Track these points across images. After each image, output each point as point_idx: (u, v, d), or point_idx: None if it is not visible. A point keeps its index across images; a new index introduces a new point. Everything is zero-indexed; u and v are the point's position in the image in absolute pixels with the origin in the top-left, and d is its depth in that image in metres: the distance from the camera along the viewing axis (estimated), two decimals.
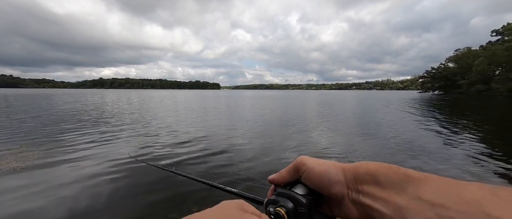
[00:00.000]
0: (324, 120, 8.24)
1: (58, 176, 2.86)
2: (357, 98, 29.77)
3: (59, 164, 3.27)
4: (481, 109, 13.13)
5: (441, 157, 3.73)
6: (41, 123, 6.94)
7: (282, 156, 3.75)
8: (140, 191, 2.48)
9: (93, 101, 18.36)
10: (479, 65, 41.42)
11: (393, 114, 10.10)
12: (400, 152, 4.06)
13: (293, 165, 0.32)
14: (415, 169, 0.22)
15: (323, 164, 0.30)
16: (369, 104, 17.46)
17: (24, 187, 2.53)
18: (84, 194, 2.40)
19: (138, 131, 5.85)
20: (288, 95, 41.30)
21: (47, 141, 4.61)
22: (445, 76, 54.12)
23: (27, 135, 5.20)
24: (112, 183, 2.67)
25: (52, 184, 2.62)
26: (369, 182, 0.26)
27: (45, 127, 6.22)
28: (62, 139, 4.85)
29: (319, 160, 0.31)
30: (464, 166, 3.31)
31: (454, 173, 3.08)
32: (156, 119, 8.23)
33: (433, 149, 4.25)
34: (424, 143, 4.73)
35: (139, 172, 2.98)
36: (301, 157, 0.32)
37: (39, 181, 2.70)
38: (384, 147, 4.43)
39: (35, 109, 11.31)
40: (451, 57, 54.30)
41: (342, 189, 0.28)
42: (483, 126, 6.80)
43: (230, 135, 5.34)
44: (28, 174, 2.93)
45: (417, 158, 3.71)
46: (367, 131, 6.08)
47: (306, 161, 0.31)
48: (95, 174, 2.92)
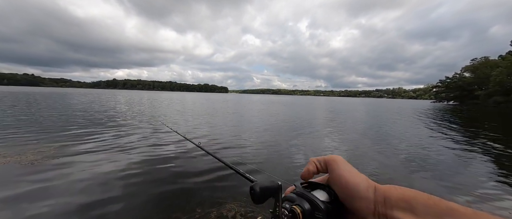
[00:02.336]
0: (333, 127, 8.12)
1: (77, 171, 2.99)
2: (366, 106, 29.06)
3: (79, 160, 3.44)
4: (501, 122, 12.46)
5: (455, 172, 3.51)
6: (60, 120, 7.30)
7: (289, 155, 3.74)
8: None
9: (107, 101, 19.05)
10: (498, 76, 39.53)
11: (405, 125, 9.80)
12: (412, 165, 3.92)
13: (324, 159, 0.31)
14: (431, 190, 0.19)
15: (355, 175, 0.28)
16: (380, 114, 17.01)
17: (46, 180, 2.67)
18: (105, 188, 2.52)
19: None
20: (294, 101, 41.02)
21: (67, 137, 4.86)
22: (461, 86, 51.93)
23: (49, 131, 5.50)
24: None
25: (74, 178, 2.75)
26: (403, 209, 0.24)
27: (64, 124, 6.55)
28: (81, 135, 5.09)
29: (352, 168, 0.29)
30: (480, 185, 3.05)
31: (469, 193, 2.78)
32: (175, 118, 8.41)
33: (446, 164, 4.01)
34: (437, 156, 4.49)
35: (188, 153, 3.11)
36: (334, 156, 0.31)
37: (58, 175, 2.85)
38: (395, 158, 4.30)
39: (57, 108, 11.88)
40: (468, 66, 52.21)
41: (368, 207, 0.26)
42: (503, 140, 6.44)
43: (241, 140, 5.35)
44: (50, 167, 3.09)
45: (428, 172, 3.56)
46: (377, 140, 5.94)
47: (339, 163, 0.29)
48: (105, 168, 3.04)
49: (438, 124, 10.05)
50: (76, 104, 14.32)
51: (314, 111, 16.43)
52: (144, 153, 3.89)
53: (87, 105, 13.42)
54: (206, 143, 4.86)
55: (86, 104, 14.15)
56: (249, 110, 15.43)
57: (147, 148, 4.27)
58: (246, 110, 14.80)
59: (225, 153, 4.09)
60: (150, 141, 4.85)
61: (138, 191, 2.50)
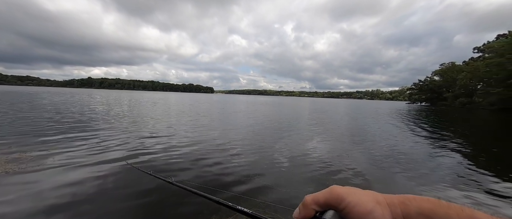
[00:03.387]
0: (319, 128, 8.05)
1: (45, 181, 2.44)
2: (348, 106, 30.18)
3: (47, 168, 2.86)
4: (464, 121, 13.54)
5: (428, 168, 3.64)
6: (28, 124, 6.28)
7: (280, 169, 3.44)
8: (131, 198, 2.18)
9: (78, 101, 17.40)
10: (463, 80, 43.51)
11: (384, 124, 10.11)
12: (391, 161, 3.87)
13: (325, 197, 0.27)
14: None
15: (365, 200, 0.25)
16: (362, 113, 17.61)
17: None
18: (70, 202, 2.06)
19: (132, 134, 5.36)
20: (281, 102, 41.35)
21: (35, 143, 4.08)
22: (432, 88, 56.35)
23: (16, 135, 4.63)
24: (102, 189, 2.36)
25: (39, 188, 2.29)
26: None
27: (32, 127, 5.61)
28: (49, 141, 4.32)
29: (358, 194, 0.26)
30: (451, 178, 3.20)
31: (441, 186, 2.95)
32: (151, 123, 7.71)
33: (420, 159, 4.20)
34: (413, 153, 4.65)
35: (132, 179, 2.64)
36: (335, 190, 0.27)
37: (29, 182, 2.26)
38: (374, 155, 4.24)
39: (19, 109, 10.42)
40: (437, 70, 56.82)
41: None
42: (468, 138, 6.88)
43: (228, 143, 4.93)
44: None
45: (405, 168, 3.53)
46: (358, 138, 5.92)
47: (344, 196, 0.26)
48: (84, 180, 2.58)
49: (419, 124, 10.53)
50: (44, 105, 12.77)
51: (310, 112, 16.48)
52: (130, 160, 3.34)
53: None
54: (202, 152, 4.40)
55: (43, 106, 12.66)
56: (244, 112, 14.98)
57: (132, 153, 3.70)
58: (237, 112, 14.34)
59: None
60: (135, 144, 4.26)
61: (122, 200, 2.03)
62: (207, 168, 3.27)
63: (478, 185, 3.01)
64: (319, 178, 3.13)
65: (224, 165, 3.40)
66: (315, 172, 3.34)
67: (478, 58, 46.82)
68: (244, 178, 2.90)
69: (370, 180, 3.14)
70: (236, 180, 2.84)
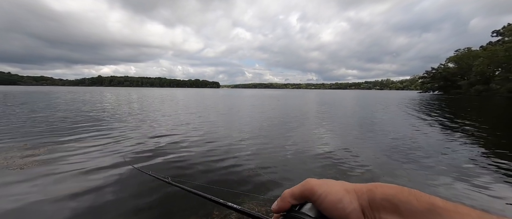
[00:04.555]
0: (325, 120, 7.93)
1: (50, 180, 2.55)
2: (356, 98, 29.51)
3: (52, 168, 2.96)
4: (481, 109, 12.89)
5: (440, 161, 3.46)
6: (40, 122, 6.60)
7: (283, 164, 3.41)
8: (130, 200, 2.18)
9: (91, 100, 17.98)
10: (479, 66, 41.23)
11: (392, 114, 9.81)
12: (397, 153, 3.76)
13: (300, 190, 0.29)
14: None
15: (334, 190, 0.27)
16: (369, 104, 17.18)
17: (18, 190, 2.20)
18: (68, 205, 2.09)
19: (134, 133, 5.51)
20: (287, 94, 40.97)
21: (45, 142, 4.28)
22: (445, 76, 53.92)
23: (28, 134, 4.93)
24: (102, 192, 2.34)
25: (43, 187, 2.33)
26: (387, 210, 0.23)
27: (44, 126, 5.88)
28: (54, 140, 4.52)
29: (329, 184, 0.28)
30: (464, 169, 3.09)
31: (453, 175, 2.85)
32: (155, 119, 7.89)
33: (431, 150, 4.03)
34: (423, 144, 4.50)
35: (132, 180, 2.63)
36: (309, 182, 0.29)
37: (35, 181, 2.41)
38: (382, 147, 4.13)
39: (36, 108, 10.93)
40: (451, 57, 54.13)
41: (359, 218, 0.25)
42: (483, 127, 6.54)
43: (231, 140, 4.83)
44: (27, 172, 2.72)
45: (415, 160, 3.42)
46: (367, 130, 5.78)
47: (316, 187, 0.28)
48: (82, 182, 2.58)
49: (430, 113, 10.15)
50: (58, 104, 13.31)
51: (316, 105, 16.28)
52: (130, 159, 3.44)
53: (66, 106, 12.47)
54: (204, 150, 4.45)
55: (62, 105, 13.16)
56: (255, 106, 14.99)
57: (133, 153, 3.81)
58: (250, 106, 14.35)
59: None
60: (136, 143, 4.37)
61: (121, 202, 2.10)
62: (212, 166, 3.27)
63: (495, 178, 2.86)
64: (327, 172, 3.09)
65: (228, 163, 3.38)
66: (323, 167, 3.30)
67: (496, 42, 44.02)
68: (247, 176, 2.88)
69: (377, 172, 3.07)
70: (239, 178, 2.80)
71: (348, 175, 2.94)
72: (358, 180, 2.64)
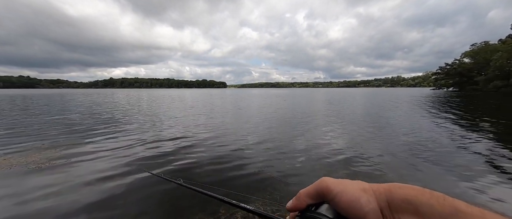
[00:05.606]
0: (333, 120, 7.83)
1: (58, 181, 2.68)
2: (364, 96, 28.82)
3: (66, 168, 3.14)
4: (499, 106, 12.22)
5: (457, 164, 3.29)
6: (56, 122, 6.95)
7: (295, 162, 3.41)
8: (141, 201, 2.24)
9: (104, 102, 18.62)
10: (498, 60, 39.07)
11: (405, 112, 9.52)
12: (413, 155, 3.66)
13: (315, 189, 0.29)
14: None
15: (351, 189, 0.26)
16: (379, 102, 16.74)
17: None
18: (81, 203, 2.19)
19: (146, 135, 5.68)
20: (295, 94, 40.64)
21: (57, 143, 4.53)
22: (460, 72, 51.53)
23: (46, 135, 5.22)
24: (114, 193, 2.40)
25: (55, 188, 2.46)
26: (407, 211, 0.22)
27: (60, 128, 6.20)
28: (69, 142, 4.75)
29: (345, 183, 0.28)
30: (484, 172, 2.94)
31: (473, 181, 2.69)
32: (165, 120, 8.09)
33: (448, 151, 3.86)
34: (439, 145, 4.31)
35: (144, 183, 2.66)
36: (324, 181, 0.29)
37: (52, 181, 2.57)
38: (394, 148, 4.03)
39: (53, 110, 11.50)
40: (467, 52, 51.63)
41: (377, 217, 0.24)
42: (502, 126, 6.20)
43: (240, 141, 4.78)
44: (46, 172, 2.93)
45: (432, 162, 3.31)
46: (378, 129, 5.66)
47: (332, 187, 0.27)
48: (95, 183, 2.66)
49: (443, 112, 9.77)
50: (73, 106, 13.89)
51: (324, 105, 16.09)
52: (140, 162, 3.57)
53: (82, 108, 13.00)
54: (214, 150, 4.53)
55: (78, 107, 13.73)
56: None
57: (142, 156, 3.93)
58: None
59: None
60: (146, 146, 4.51)
61: (134, 205, 2.19)
62: (221, 167, 3.31)
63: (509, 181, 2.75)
64: (339, 173, 3.07)
65: (237, 163, 3.41)
66: (334, 168, 3.28)
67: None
68: (257, 178, 2.89)
69: (390, 174, 3.01)
70: (249, 179, 2.82)
71: (360, 177, 2.90)
72: (372, 182, 2.60)
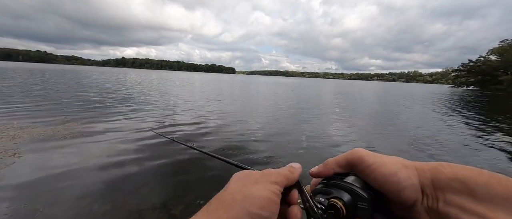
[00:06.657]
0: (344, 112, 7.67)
1: (84, 150, 2.95)
2: (375, 91, 27.72)
3: (88, 137, 3.43)
4: None
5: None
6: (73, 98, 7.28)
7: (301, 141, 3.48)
8: (156, 163, 2.57)
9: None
10: None
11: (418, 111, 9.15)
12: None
13: (346, 158, 0.27)
14: None
15: (389, 162, 0.24)
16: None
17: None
18: (104, 169, 2.42)
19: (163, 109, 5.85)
20: (303, 84, 39.81)
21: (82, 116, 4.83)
22: (484, 70, 48.22)
23: (67, 109, 5.55)
24: (130, 156, 2.75)
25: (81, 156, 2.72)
26: (458, 191, 0.20)
27: (80, 103, 6.53)
28: (91, 113, 5.12)
29: (382, 156, 0.25)
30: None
31: None
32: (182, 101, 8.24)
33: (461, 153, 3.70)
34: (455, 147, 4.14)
35: (157, 146, 3.11)
36: (357, 151, 0.27)
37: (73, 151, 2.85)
38: (407, 147, 3.93)
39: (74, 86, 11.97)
40: (495, 48, 47.85)
41: (416, 195, 0.22)
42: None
43: (247, 127, 5.02)
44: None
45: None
46: (388, 125, 5.51)
47: (366, 157, 0.25)
48: (114, 149, 2.99)
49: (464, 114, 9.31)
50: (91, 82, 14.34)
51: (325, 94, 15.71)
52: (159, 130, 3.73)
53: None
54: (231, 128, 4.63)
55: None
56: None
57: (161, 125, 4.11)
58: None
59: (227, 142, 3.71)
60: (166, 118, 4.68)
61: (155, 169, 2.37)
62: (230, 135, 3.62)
63: None
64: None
65: (245, 136, 3.72)
66: None
67: None
68: (263, 145, 3.12)
69: None
70: (255, 147, 3.21)
71: None
72: None
